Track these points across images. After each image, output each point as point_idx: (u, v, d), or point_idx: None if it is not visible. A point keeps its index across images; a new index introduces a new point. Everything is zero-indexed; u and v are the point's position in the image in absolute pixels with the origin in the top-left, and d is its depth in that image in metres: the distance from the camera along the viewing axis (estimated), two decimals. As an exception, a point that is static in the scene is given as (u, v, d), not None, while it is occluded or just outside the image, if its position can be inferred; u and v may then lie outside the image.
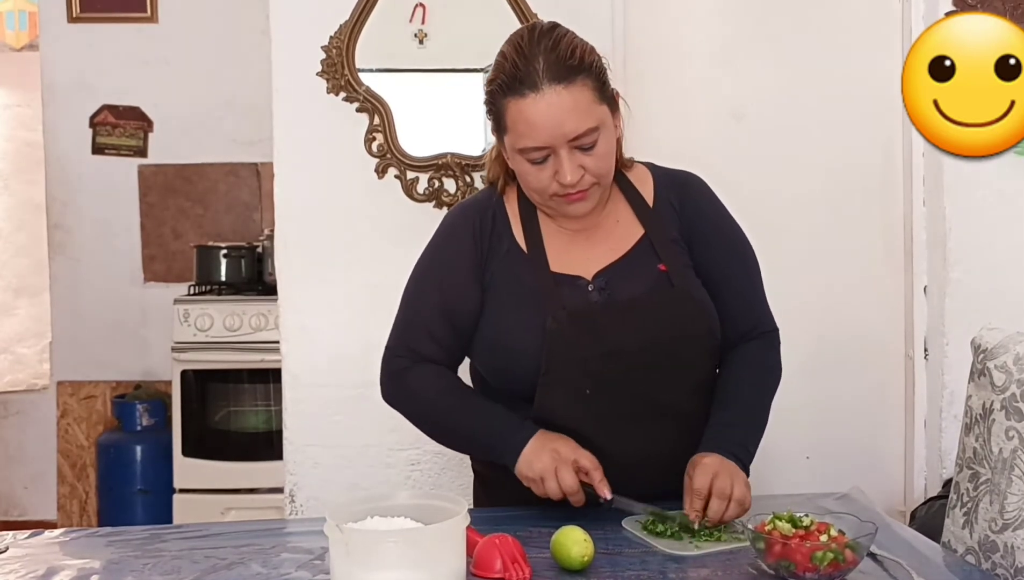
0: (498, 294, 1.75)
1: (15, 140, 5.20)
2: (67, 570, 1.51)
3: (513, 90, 1.63)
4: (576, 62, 1.64)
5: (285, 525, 1.96)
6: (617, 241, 1.78)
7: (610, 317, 1.70)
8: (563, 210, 1.73)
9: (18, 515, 4.55)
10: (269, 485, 3.66)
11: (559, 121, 1.62)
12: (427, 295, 1.79)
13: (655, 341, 1.70)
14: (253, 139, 4.25)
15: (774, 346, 1.86)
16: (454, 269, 1.77)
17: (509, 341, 1.72)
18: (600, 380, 1.68)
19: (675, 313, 1.72)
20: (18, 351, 5.11)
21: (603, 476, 1.63)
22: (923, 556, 1.53)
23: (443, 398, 1.77)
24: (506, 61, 1.66)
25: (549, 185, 1.67)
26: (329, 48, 2.63)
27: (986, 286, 2.65)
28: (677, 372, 1.72)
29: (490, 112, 1.71)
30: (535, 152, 1.65)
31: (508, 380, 1.74)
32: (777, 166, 2.80)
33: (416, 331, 1.79)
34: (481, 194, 1.88)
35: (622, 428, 1.69)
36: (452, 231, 1.82)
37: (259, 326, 3.87)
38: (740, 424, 1.73)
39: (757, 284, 1.86)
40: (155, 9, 4.37)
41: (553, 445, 1.65)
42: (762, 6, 2.82)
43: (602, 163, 1.68)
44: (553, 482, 1.62)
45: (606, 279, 1.74)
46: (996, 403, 1.63)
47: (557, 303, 1.70)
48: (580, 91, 1.63)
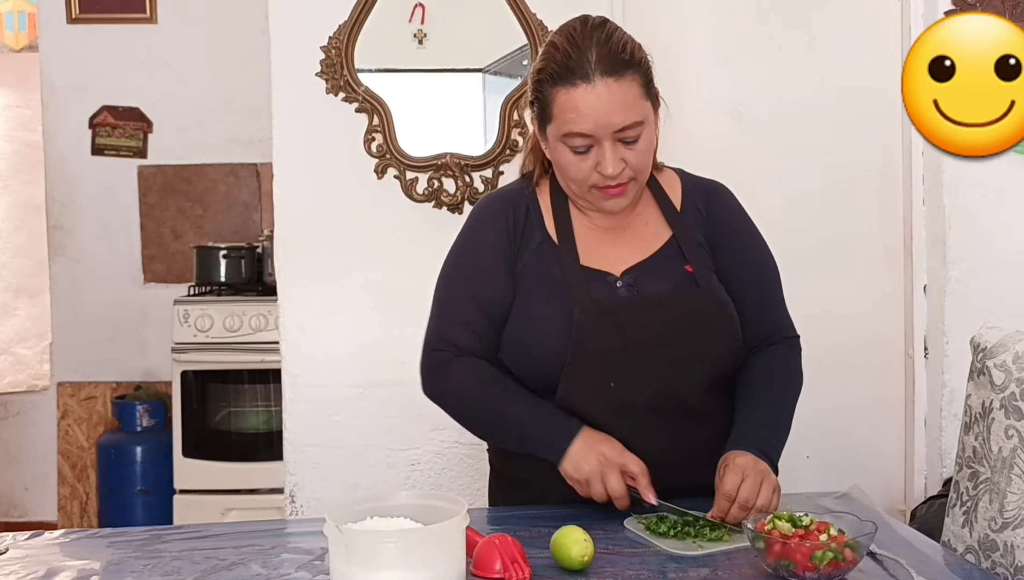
0: (528, 285, 1.76)
1: (15, 141, 5.20)
2: (67, 571, 1.51)
3: (564, 79, 1.66)
4: (627, 56, 1.67)
5: (285, 525, 1.96)
6: (646, 241, 1.79)
7: (637, 312, 1.72)
8: (600, 204, 1.74)
9: (18, 516, 4.54)
10: (269, 485, 3.66)
11: (607, 112, 1.64)
12: (462, 287, 1.79)
13: (680, 338, 1.71)
14: (253, 139, 4.26)
15: (797, 352, 1.88)
16: (488, 260, 1.78)
17: (537, 332, 1.73)
18: (624, 373, 1.69)
19: (700, 312, 1.73)
20: (18, 352, 5.11)
21: (649, 482, 1.63)
22: (923, 555, 1.53)
23: (486, 390, 1.75)
24: (557, 51, 1.68)
25: (589, 176, 1.69)
26: (328, 48, 2.63)
27: (986, 285, 2.65)
28: (700, 370, 1.73)
29: (535, 100, 1.73)
30: (580, 140, 1.67)
31: (533, 371, 1.74)
32: (776, 165, 2.80)
33: (453, 323, 1.79)
34: (514, 185, 1.89)
35: (643, 422, 1.70)
36: (485, 222, 1.82)
37: (259, 326, 3.87)
38: (770, 424, 1.74)
39: (778, 293, 1.88)
40: (154, 10, 4.37)
41: (600, 447, 1.65)
42: (762, 6, 2.82)
43: (643, 158, 1.70)
44: (600, 486, 1.62)
45: (634, 276, 1.75)
46: (995, 402, 1.63)
47: (585, 296, 1.71)
48: (629, 85, 1.66)
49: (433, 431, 2.64)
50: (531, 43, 2.64)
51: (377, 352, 2.65)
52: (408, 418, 2.63)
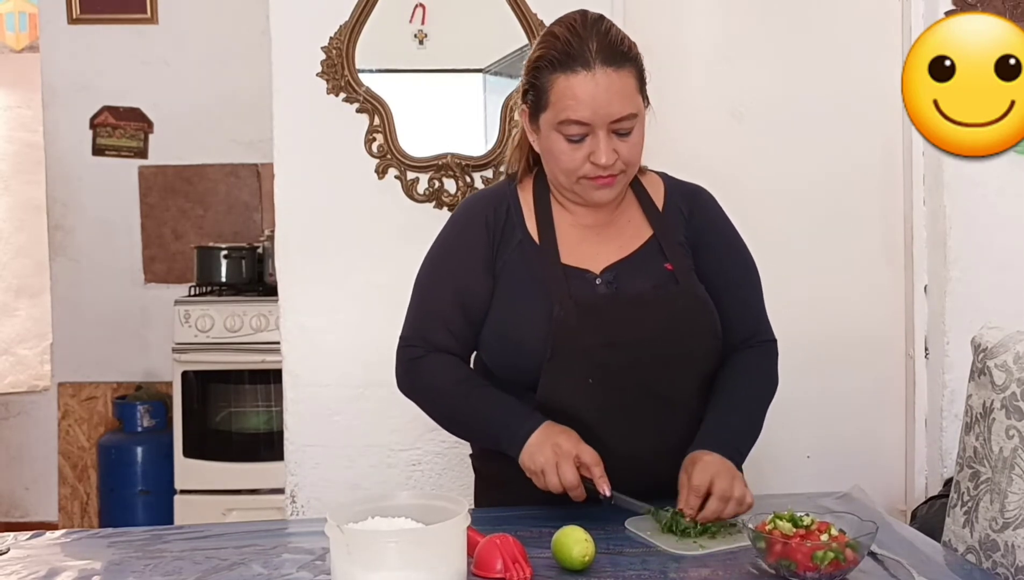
0: (508, 284, 1.77)
1: (15, 141, 5.20)
2: (68, 571, 1.51)
3: (564, 66, 1.67)
4: (626, 49, 1.69)
5: (286, 526, 1.96)
6: (627, 240, 1.80)
7: (617, 310, 1.73)
8: (588, 195, 1.75)
9: (19, 516, 4.54)
10: (270, 486, 3.67)
11: (606, 100, 1.66)
12: (440, 285, 1.81)
13: (659, 335, 1.72)
14: (253, 140, 4.26)
15: (772, 356, 1.88)
16: (467, 259, 1.79)
17: (516, 330, 1.74)
18: (604, 370, 1.70)
19: (680, 309, 1.75)
20: (19, 352, 5.11)
21: (603, 472, 1.63)
22: (924, 555, 1.53)
23: (456, 387, 1.78)
24: (557, 40, 1.70)
25: (581, 166, 1.70)
26: (329, 49, 2.63)
27: (986, 285, 2.65)
28: (680, 367, 1.74)
29: (531, 87, 1.74)
30: (576, 128, 1.68)
31: (513, 369, 1.75)
32: (777, 166, 2.80)
33: (430, 321, 1.81)
34: (497, 185, 1.91)
35: (623, 419, 1.71)
36: (466, 221, 1.84)
37: (260, 327, 3.87)
38: (737, 428, 1.75)
39: (758, 295, 1.89)
40: (155, 10, 4.37)
41: (555, 439, 1.65)
42: (762, 6, 2.82)
43: (634, 151, 1.72)
44: (554, 476, 1.63)
45: (614, 274, 1.76)
46: (996, 402, 1.63)
47: (565, 293, 1.72)
48: (627, 78, 1.68)
49: (434, 431, 2.63)
50: (532, 43, 2.63)
51: (378, 352, 2.63)
52: (409, 418, 2.62)
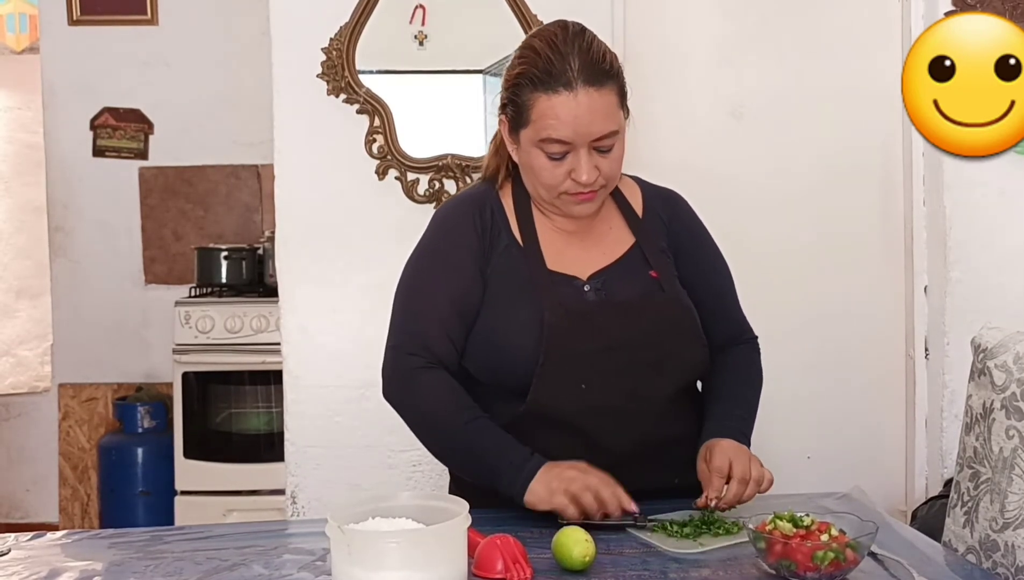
0: (497, 288, 1.75)
1: (16, 142, 5.20)
2: (69, 572, 1.51)
3: (546, 85, 1.66)
4: (607, 67, 1.68)
5: (287, 526, 1.96)
6: (609, 246, 1.81)
7: (607, 317, 1.73)
8: (568, 209, 1.75)
9: (20, 517, 4.54)
10: (271, 487, 3.66)
11: (588, 121, 1.65)
12: (437, 290, 1.76)
13: (649, 341, 1.73)
14: (254, 141, 4.25)
15: (758, 352, 1.93)
16: (461, 263, 1.76)
17: (506, 335, 1.72)
18: (596, 375, 1.70)
19: (669, 317, 1.76)
20: (19, 353, 5.11)
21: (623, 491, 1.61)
22: (924, 555, 1.53)
23: (453, 416, 1.71)
24: (538, 56, 1.68)
25: (562, 182, 1.70)
26: (329, 50, 2.63)
27: (986, 285, 2.65)
28: (669, 371, 1.75)
29: (510, 103, 1.72)
30: (557, 147, 1.67)
31: (504, 373, 1.73)
32: (777, 165, 2.80)
33: (429, 327, 1.75)
34: (476, 188, 1.88)
35: (614, 422, 1.71)
36: (454, 225, 1.81)
37: (260, 328, 3.87)
38: (741, 416, 1.79)
39: (735, 296, 1.93)
40: (155, 11, 4.37)
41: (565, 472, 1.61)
42: (762, 6, 2.82)
43: (615, 166, 1.73)
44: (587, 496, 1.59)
45: (602, 281, 1.77)
46: (996, 402, 1.64)
47: (555, 299, 1.72)
48: (608, 96, 1.67)
49: (434, 432, 2.64)
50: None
51: (378, 353, 2.62)
52: (409, 419, 2.62)
